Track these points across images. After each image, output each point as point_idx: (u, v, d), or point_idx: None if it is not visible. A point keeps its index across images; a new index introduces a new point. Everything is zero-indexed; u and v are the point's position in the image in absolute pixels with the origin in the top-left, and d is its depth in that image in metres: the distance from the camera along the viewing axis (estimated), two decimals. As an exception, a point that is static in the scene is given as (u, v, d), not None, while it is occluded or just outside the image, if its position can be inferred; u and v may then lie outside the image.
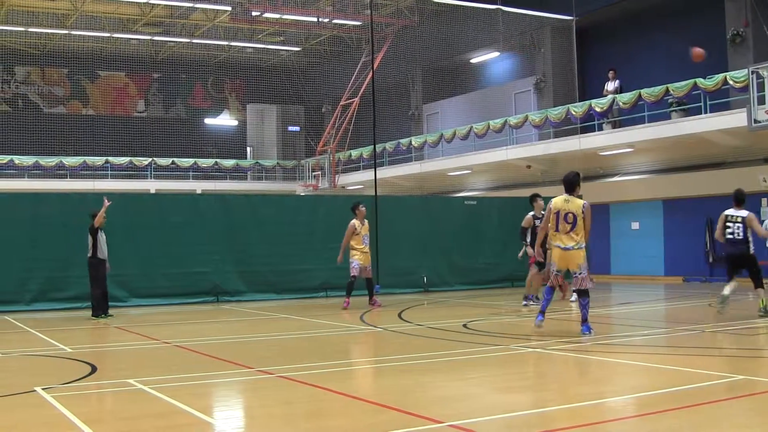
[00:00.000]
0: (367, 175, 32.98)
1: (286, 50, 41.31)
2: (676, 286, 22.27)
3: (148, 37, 38.30)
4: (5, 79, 41.07)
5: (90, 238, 15.16)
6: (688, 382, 7.80)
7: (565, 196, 11.30)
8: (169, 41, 39.69)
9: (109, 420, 6.62)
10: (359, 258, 16.31)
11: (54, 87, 42.05)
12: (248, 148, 46.25)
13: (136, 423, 6.41)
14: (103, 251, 15.29)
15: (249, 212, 19.68)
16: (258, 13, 33.92)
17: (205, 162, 40.31)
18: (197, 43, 39.77)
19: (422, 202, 24.60)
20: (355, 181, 36.55)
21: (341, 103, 37.65)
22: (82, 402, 7.37)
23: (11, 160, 36.16)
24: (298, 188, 39.86)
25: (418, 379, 8.23)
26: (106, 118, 42.41)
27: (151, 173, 38.99)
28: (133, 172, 38.86)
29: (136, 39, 38.84)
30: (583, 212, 11.12)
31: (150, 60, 42.29)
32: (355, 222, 16.42)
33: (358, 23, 35.95)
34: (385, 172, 33.68)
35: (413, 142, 34.03)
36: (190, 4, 33.37)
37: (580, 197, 11.32)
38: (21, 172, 36.85)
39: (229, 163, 41.22)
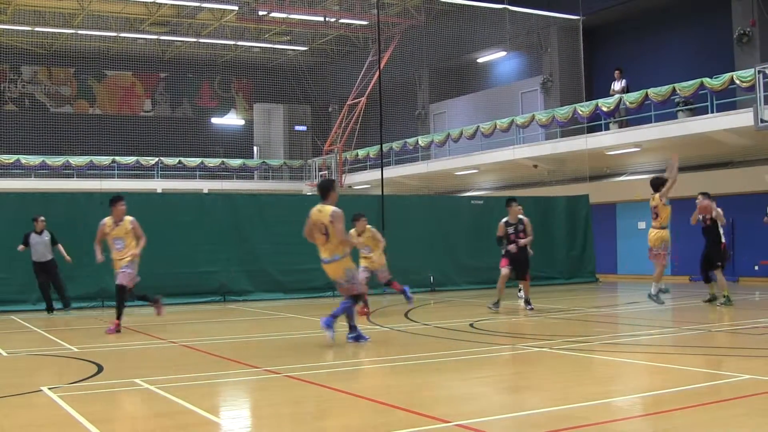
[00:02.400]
0: (373, 175, 33.01)
1: (293, 50, 41.32)
2: (682, 286, 22.20)
3: (155, 37, 38.34)
4: (12, 78, 41.11)
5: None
6: (694, 381, 7.79)
7: (319, 205, 10.55)
8: (176, 41, 39.73)
9: (115, 420, 6.62)
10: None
11: (61, 86, 42.11)
12: (255, 148, 46.30)
13: (143, 423, 6.42)
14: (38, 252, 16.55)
15: (256, 212, 19.68)
16: (265, 13, 33.94)
17: (212, 161, 40.35)
18: (204, 43, 39.79)
19: (429, 202, 24.56)
20: (362, 180, 36.57)
21: (348, 103, 37.64)
22: (88, 402, 7.37)
23: (18, 160, 36.22)
24: (305, 188, 39.84)
25: (425, 379, 8.22)
26: (112, 118, 42.39)
27: (157, 173, 39.02)
28: (139, 172, 38.90)
29: (143, 38, 38.89)
30: (331, 220, 10.31)
31: (157, 59, 42.30)
32: (105, 220, 12.91)
33: (365, 23, 35.94)
34: (392, 172, 33.71)
35: (420, 142, 34.05)
36: (197, 4, 33.40)
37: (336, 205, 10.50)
38: (28, 171, 36.88)
39: (236, 162, 41.23)
